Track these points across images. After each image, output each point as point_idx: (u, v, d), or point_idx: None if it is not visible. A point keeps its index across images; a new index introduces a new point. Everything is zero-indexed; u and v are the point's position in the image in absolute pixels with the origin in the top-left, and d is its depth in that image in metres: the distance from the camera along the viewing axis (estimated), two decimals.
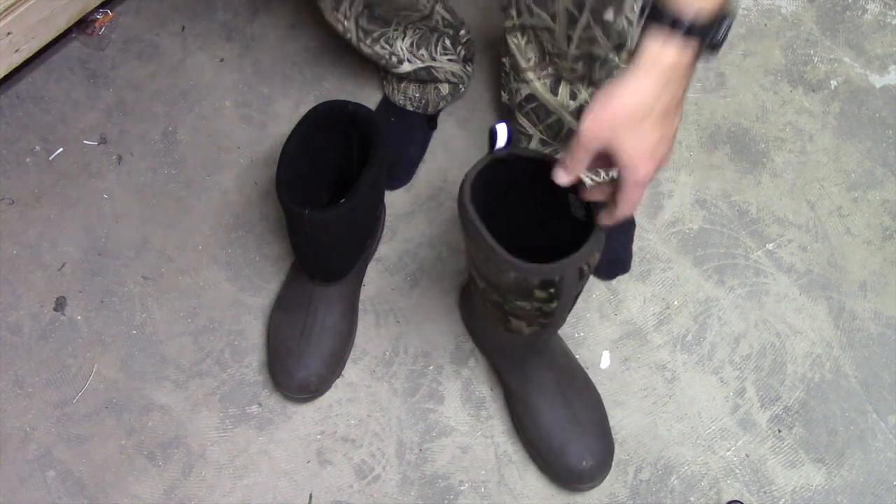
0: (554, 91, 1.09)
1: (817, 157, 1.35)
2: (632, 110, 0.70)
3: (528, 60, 1.07)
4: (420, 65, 1.23)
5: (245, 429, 1.18)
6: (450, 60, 1.26)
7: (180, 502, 1.14)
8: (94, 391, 1.20)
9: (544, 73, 1.07)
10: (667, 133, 0.72)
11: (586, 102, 1.09)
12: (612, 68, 1.03)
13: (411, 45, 1.20)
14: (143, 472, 1.15)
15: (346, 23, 1.15)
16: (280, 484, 1.15)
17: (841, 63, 1.42)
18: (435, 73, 1.26)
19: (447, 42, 1.24)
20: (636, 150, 0.72)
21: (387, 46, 1.19)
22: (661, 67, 0.70)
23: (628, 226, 1.26)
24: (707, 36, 0.70)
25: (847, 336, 1.23)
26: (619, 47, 1.00)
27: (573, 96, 1.09)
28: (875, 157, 1.35)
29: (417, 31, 1.19)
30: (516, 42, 1.07)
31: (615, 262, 1.25)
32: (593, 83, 1.07)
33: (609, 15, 0.93)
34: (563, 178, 0.78)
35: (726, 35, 0.71)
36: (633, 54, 0.70)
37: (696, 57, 0.70)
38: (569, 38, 0.99)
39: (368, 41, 1.18)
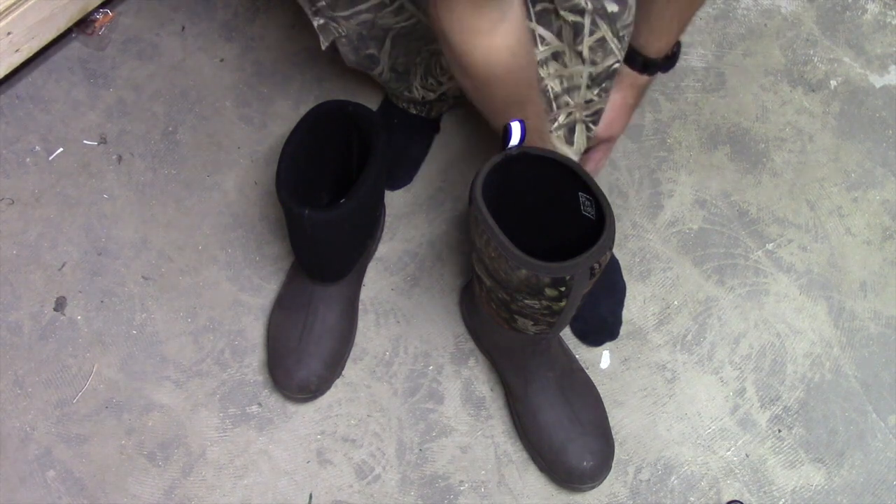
0: (569, 141, 1.05)
1: (817, 157, 1.35)
2: (627, 112, 1.09)
3: (545, 43, 1.00)
4: (433, 97, 1.25)
5: (245, 429, 1.18)
6: (451, 78, 1.26)
7: (180, 502, 1.14)
8: (94, 391, 1.20)
9: (556, 124, 1.03)
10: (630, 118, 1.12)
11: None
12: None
13: (422, 77, 1.21)
14: (143, 472, 1.15)
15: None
16: (280, 484, 1.15)
17: (841, 63, 1.42)
18: (445, 96, 1.27)
19: (444, 61, 1.23)
20: (620, 132, 1.11)
21: (406, 94, 1.24)
22: (638, 86, 1.06)
23: (619, 291, 1.25)
24: (666, 67, 1.07)
25: (847, 336, 1.23)
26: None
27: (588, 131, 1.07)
28: (875, 157, 1.35)
29: (423, 61, 1.19)
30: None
31: (602, 329, 1.22)
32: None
33: (612, 6, 0.93)
34: (595, 164, 1.12)
35: (677, 58, 1.09)
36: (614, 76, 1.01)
37: (656, 73, 1.07)
38: (580, 55, 0.97)
39: (403, 102, 1.28)
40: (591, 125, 1.04)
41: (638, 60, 1.04)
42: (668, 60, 1.06)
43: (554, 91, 1.01)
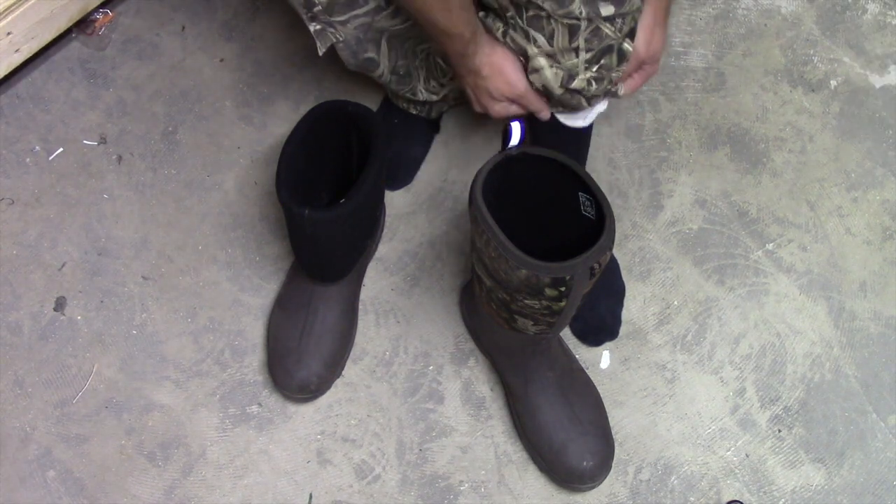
0: (567, 84, 1.01)
1: (817, 157, 1.35)
2: (661, 28, 1.03)
3: (538, 45, 0.98)
4: (436, 98, 1.25)
5: (245, 429, 1.18)
6: (451, 79, 1.26)
7: (180, 502, 1.14)
8: (94, 391, 1.20)
9: (558, 65, 0.99)
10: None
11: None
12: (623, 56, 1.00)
13: (425, 80, 1.21)
14: (143, 472, 1.15)
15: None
16: (280, 484, 1.15)
17: (841, 63, 1.42)
18: (447, 97, 1.27)
19: (440, 61, 1.23)
20: (659, 48, 1.05)
21: (412, 97, 1.23)
22: (663, 5, 1.02)
23: (618, 291, 1.25)
24: None
25: (847, 336, 1.23)
26: (631, 33, 0.98)
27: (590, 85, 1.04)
28: (875, 157, 1.35)
29: (422, 63, 1.19)
30: (512, 35, 0.99)
31: (602, 329, 1.22)
32: (612, 82, 1.04)
33: (608, 9, 0.92)
34: (632, 85, 1.08)
35: None
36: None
37: None
38: (575, 50, 0.96)
39: (403, 103, 1.28)
40: (593, 81, 1.02)
41: None
42: None
43: (559, 77, 0.99)
